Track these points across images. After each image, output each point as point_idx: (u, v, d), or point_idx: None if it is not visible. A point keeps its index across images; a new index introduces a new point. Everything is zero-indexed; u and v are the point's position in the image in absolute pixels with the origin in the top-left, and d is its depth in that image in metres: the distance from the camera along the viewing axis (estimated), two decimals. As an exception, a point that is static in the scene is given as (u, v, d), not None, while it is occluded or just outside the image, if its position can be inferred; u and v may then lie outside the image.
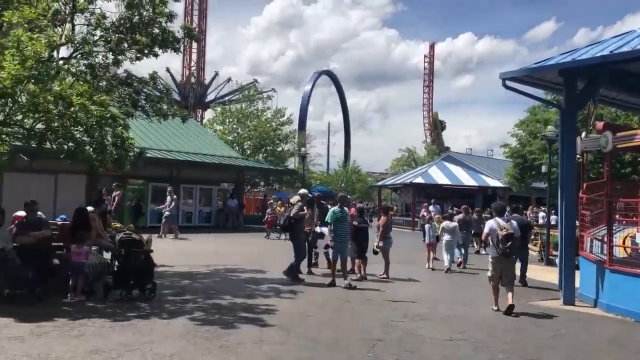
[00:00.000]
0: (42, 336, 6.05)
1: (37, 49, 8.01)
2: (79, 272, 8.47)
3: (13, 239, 8.62)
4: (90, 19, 10.76)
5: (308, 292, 9.88)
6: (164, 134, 26.88)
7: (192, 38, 13.26)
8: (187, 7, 60.08)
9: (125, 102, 11.24)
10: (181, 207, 26.91)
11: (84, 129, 9.09)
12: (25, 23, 8.55)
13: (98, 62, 11.01)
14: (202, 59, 63.67)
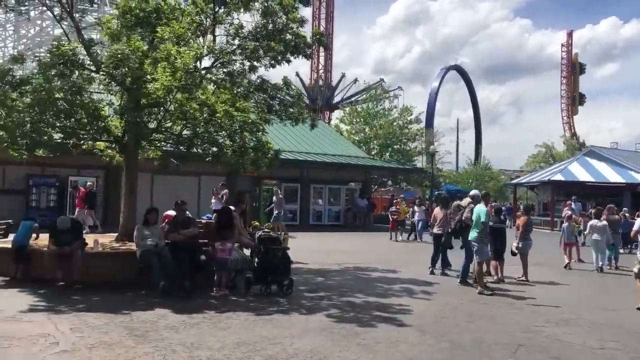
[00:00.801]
0: (194, 327, 6.54)
1: (186, 61, 8.68)
2: (223, 268, 9.03)
3: (165, 236, 9.41)
4: (229, 30, 11.43)
5: (442, 293, 9.68)
6: (295, 136, 27.83)
7: (322, 44, 13.56)
8: (315, 12, 61.67)
9: (261, 107, 11.79)
10: (311, 207, 27.78)
11: (227, 133, 9.69)
12: (174, 37, 9.31)
13: (236, 70, 11.66)
14: (330, 62, 64.98)
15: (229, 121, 9.68)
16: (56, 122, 9.36)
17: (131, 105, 9.90)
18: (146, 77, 9.09)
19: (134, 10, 9.74)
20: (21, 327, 6.13)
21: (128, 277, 9.10)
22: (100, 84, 10.40)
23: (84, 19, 10.82)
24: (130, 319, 6.76)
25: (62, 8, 10.38)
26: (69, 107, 9.04)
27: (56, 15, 10.92)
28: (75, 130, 9.68)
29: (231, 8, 11.28)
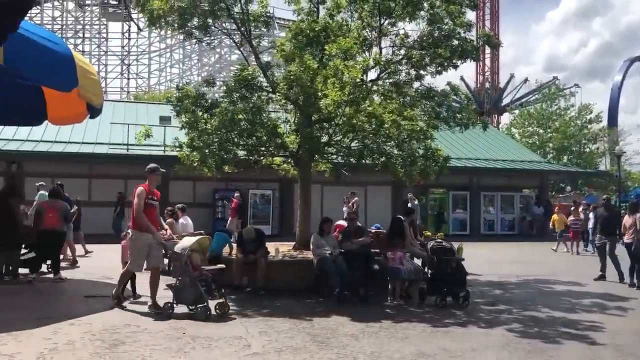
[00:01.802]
0: (372, 335, 6.63)
1: (354, 75, 8.92)
2: (396, 277, 9.06)
3: (339, 245, 9.72)
4: (394, 40, 11.52)
5: None
6: (463, 142, 27.06)
7: (491, 45, 13.03)
8: (479, 13, 59.69)
9: (428, 114, 11.65)
10: (482, 215, 26.72)
11: (395, 143, 9.75)
12: (341, 53, 9.63)
13: (402, 80, 11.69)
14: (496, 63, 62.38)
15: (397, 131, 9.73)
16: (240, 141, 10.19)
17: (304, 121, 10.43)
18: (317, 94, 9.52)
19: (305, 31, 10.25)
20: (218, 330, 6.71)
21: (306, 284, 9.56)
22: (277, 104, 11.13)
23: (260, 44, 11.63)
24: (311, 325, 7.06)
25: (242, 35, 11.30)
26: (250, 127, 9.79)
27: (237, 42, 11.90)
28: (256, 147, 10.46)
29: (396, 19, 11.36)
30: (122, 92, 59.23)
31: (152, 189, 7.99)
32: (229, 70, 55.45)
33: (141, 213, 7.69)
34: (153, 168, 8.20)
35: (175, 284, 7.68)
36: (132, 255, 8.03)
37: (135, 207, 7.71)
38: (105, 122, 22.87)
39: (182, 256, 7.54)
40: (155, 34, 56.38)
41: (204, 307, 7.29)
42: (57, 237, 10.68)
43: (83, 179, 21.76)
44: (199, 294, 7.33)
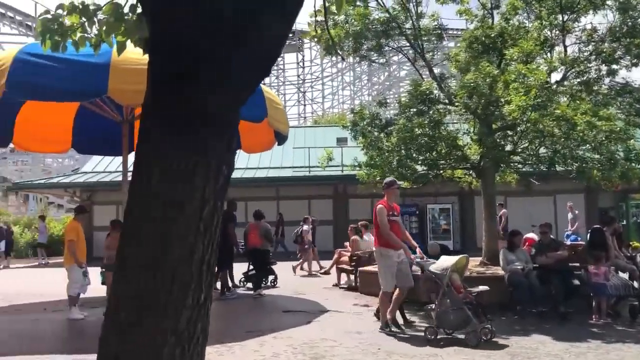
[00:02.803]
0: (580, 356, 6.10)
1: (540, 78, 8.43)
2: (601, 293, 8.24)
3: (532, 259, 9.13)
4: (580, 36, 10.68)
5: None
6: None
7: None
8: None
9: (627, 112, 10.55)
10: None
11: (592, 147, 8.97)
12: (523, 56, 9.17)
13: (592, 77, 10.76)
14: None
15: (592, 133, 8.94)
16: (419, 156, 10.18)
17: (485, 130, 10.10)
18: (499, 101, 9.16)
19: (480, 39, 9.98)
20: (412, 347, 6.69)
21: (496, 300, 9.11)
22: (455, 115, 10.95)
23: (434, 58, 11.58)
24: (509, 344, 6.70)
25: (414, 51, 11.36)
26: (430, 141, 9.74)
27: (409, 58, 11.99)
28: (436, 161, 10.36)
29: (580, 13, 10.56)
30: (300, 118, 62.90)
31: (390, 204, 7.72)
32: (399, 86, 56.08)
33: (387, 230, 7.39)
34: (389, 182, 7.91)
35: (434, 307, 7.04)
36: (382, 275, 7.62)
37: (380, 225, 7.44)
38: (288, 147, 24.43)
39: (443, 277, 6.99)
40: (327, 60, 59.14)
41: (473, 333, 6.73)
42: (259, 254, 11.56)
43: (271, 201, 23.45)
44: (465, 318, 6.79)
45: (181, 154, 1.99)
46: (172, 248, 1.97)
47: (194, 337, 2.03)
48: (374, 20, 10.67)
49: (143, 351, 1.94)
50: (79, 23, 2.87)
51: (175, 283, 1.96)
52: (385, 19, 10.71)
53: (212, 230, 2.05)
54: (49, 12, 2.89)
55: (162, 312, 1.95)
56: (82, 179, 23.92)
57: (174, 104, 1.98)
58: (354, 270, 11.98)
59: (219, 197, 2.09)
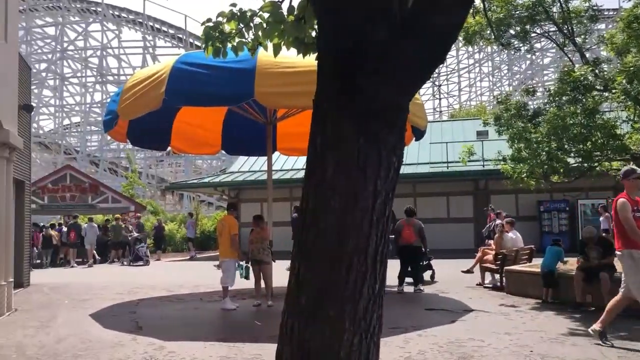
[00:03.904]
0: None
1: None
2: None
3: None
4: None
5: None
6: None
7: None
8: None
9: None
10: None
11: None
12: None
13: None
14: None
15: None
16: (571, 148, 9.48)
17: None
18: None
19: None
20: (568, 351, 6.27)
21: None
22: (613, 102, 10.03)
23: (586, 41, 10.71)
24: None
25: (564, 35, 10.59)
26: (584, 131, 9.03)
27: (559, 44, 11.21)
28: (590, 152, 9.57)
29: None
30: (435, 113, 61.68)
31: (632, 198, 6.45)
32: (542, 75, 52.73)
33: (634, 227, 6.20)
34: (629, 171, 6.60)
35: None
36: (634, 282, 6.31)
37: (623, 221, 6.25)
38: (425, 143, 24.06)
39: None
40: (463, 51, 57.34)
41: None
42: (414, 250, 11.63)
43: (408, 197, 23.26)
44: None
45: (354, 145, 2.03)
46: (348, 239, 2.03)
47: (370, 326, 2.07)
48: (518, 5, 10.11)
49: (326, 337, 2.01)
50: (237, 29, 3.05)
51: (352, 273, 2.01)
52: (531, 4, 10.09)
53: (384, 221, 2.08)
54: (210, 21, 3.11)
55: (340, 301, 2.01)
56: (229, 178, 25.57)
57: (347, 97, 2.03)
58: (499, 269, 11.49)
59: (389, 189, 2.11)
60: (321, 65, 2.17)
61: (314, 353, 2.03)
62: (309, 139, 2.18)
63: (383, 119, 2.03)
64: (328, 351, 2.01)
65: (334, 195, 2.05)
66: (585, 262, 8.90)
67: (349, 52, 2.02)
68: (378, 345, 2.18)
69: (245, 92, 8.30)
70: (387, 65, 1.99)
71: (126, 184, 35.89)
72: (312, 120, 2.19)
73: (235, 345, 6.73)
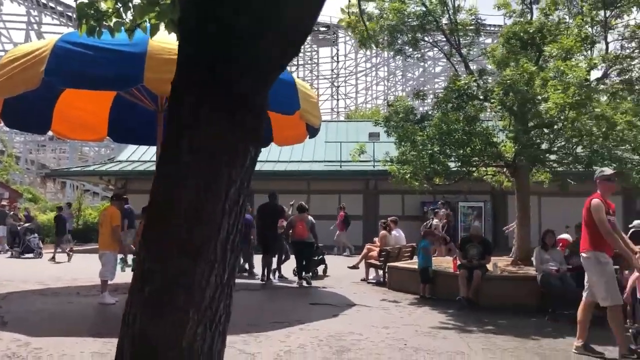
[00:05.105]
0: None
1: (579, 75, 8.21)
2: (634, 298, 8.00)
3: (566, 260, 8.93)
4: (623, 33, 10.38)
5: None
6: None
7: None
8: None
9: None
10: None
11: (632, 147, 8.72)
12: (562, 53, 8.95)
13: (635, 76, 10.45)
14: None
15: (632, 133, 8.68)
16: (452, 153, 10.05)
17: (520, 128, 9.90)
18: (536, 98, 8.97)
19: (518, 34, 9.78)
20: (438, 343, 6.64)
21: (528, 301, 8.96)
22: (491, 111, 10.77)
23: (470, 53, 11.40)
24: (539, 346, 6.59)
25: (451, 46, 11.20)
26: (465, 137, 9.60)
27: (445, 53, 11.84)
28: (469, 157, 10.20)
29: (623, 9, 10.26)
30: (332, 113, 62.89)
31: (605, 200, 6.21)
32: (434, 82, 55.50)
33: (608, 229, 5.92)
34: (607, 175, 6.39)
35: None
36: (601, 286, 6.05)
37: (598, 223, 5.94)
38: (320, 141, 24.45)
39: None
40: (361, 55, 58.94)
41: None
42: (307, 246, 11.92)
43: (302, 194, 23.50)
44: None
45: (209, 133, 2.00)
46: (198, 226, 1.99)
47: (216, 315, 2.04)
48: (410, 13, 10.55)
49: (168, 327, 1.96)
50: (114, 8, 2.91)
51: (200, 261, 1.97)
52: (422, 13, 10.58)
53: (237, 210, 2.06)
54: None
55: (186, 289, 1.97)
56: (117, 167, 24.41)
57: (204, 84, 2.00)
58: (383, 265, 11.94)
59: (245, 178, 2.09)
60: (182, 49, 2.13)
61: (154, 343, 1.98)
62: (166, 123, 2.13)
63: (240, 108, 2.02)
64: (169, 341, 1.97)
65: (186, 182, 2.01)
66: (467, 262, 9.53)
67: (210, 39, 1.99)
68: (224, 334, 2.16)
69: (133, 77, 7.93)
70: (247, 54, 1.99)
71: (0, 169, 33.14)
72: (169, 104, 2.14)
73: (110, 341, 6.41)
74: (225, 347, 2.20)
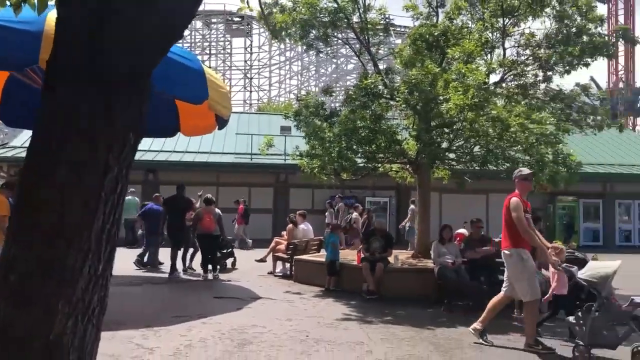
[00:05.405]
0: (499, 348, 6.35)
1: (478, 78, 8.66)
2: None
3: (462, 253, 9.42)
4: (519, 40, 11.05)
5: None
6: (594, 147, 25.23)
7: (628, 39, 12.06)
8: (611, 7, 55.46)
9: (558, 117, 11.01)
10: (617, 226, 24.73)
11: (523, 148, 9.31)
12: (464, 56, 9.39)
13: (528, 81, 11.16)
14: (632, 61, 57.47)
15: (524, 135, 9.28)
16: (359, 149, 10.27)
17: (424, 127, 10.29)
18: (438, 98, 9.36)
19: (424, 36, 10.15)
20: (339, 334, 6.78)
21: (425, 292, 9.37)
22: (396, 110, 11.12)
23: (379, 52, 11.68)
24: (434, 335, 6.91)
25: (361, 44, 11.42)
26: (371, 134, 9.85)
27: (355, 51, 12.06)
28: (374, 154, 10.48)
29: (520, 18, 10.92)
30: (245, 105, 62.29)
31: (523, 198, 6.46)
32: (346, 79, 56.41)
33: (526, 226, 6.18)
34: (526, 175, 6.69)
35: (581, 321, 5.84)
36: (522, 281, 6.28)
37: (516, 221, 6.17)
38: (231, 133, 24.15)
39: (603, 287, 5.75)
40: (276, 48, 58.78)
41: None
42: (214, 239, 11.78)
43: (211, 186, 23.10)
44: (628, 335, 5.58)
45: (85, 115, 1.91)
46: (70, 214, 1.89)
47: (89, 308, 1.96)
48: (322, 9, 10.64)
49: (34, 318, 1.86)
50: (-4, -20, 2.71)
51: (72, 251, 1.88)
52: (333, 9, 10.70)
53: (114, 199, 1.98)
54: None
55: (56, 280, 1.87)
56: (10, 153, 22.77)
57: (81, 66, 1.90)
58: (290, 258, 12.02)
59: (124, 165, 2.01)
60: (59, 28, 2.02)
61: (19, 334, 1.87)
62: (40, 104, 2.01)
63: (120, 92, 1.95)
64: (36, 334, 1.87)
65: (58, 167, 1.91)
66: (370, 255, 9.81)
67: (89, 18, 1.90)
68: (98, 328, 2.08)
69: (28, 57, 7.41)
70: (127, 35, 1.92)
71: None
72: (42, 84, 2.02)
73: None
74: (99, 340, 2.12)
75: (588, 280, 5.87)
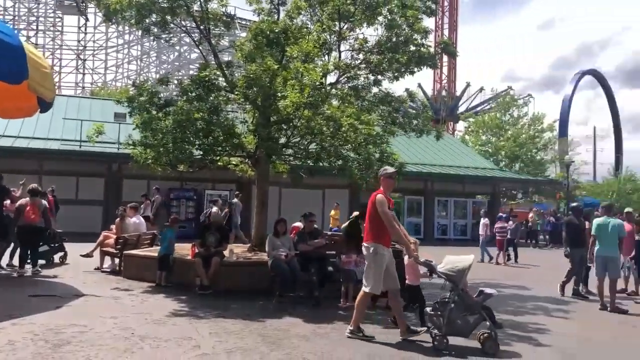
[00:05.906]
0: (324, 337, 6.66)
1: (313, 78, 8.96)
2: (349, 279, 9.08)
3: (294, 246, 9.71)
4: (353, 45, 11.64)
5: (581, 313, 9.03)
6: (418, 148, 27.54)
7: (449, 53, 13.31)
8: (437, 22, 60.80)
9: (385, 119, 11.80)
10: (436, 220, 27.35)
11: (352, 147, 9.84)
12: (302, 55, 9.66)
13: (361, 84, 11.80)
14: (453, 71, 63.65)
15: (354, 134, 9.82)
16: (196, 141, 10.08)
17: (262, 122, 10.40)
18: (276, 95, 9.52)
19: (265, 32, 10.24)
20: (168, 330, 6.62)
21: (260, 285, 9.50)
22: (235, 103, 11.08)
23: (219, 43, 11.55)
24: (263, 326, 7.04)
25: (201, 33, 11.20)
26: (206, 126, 9.71)
27: (195, 41, 11.78)
28: (212, 147, 10.36)
29: (355, 23, 11.48)
30: (77, 88, 57.80)
31: (388, 195, 6.73)
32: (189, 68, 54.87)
33: (392, 222, 6.46)
34: (391, 173, 6.93)
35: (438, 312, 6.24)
36: (371, 275, 6.56)
37: (383, 216, 6.41)
38: (58, 118, 22.27)
39: (459, 279, 6.24)
40: (113, 29, 55.28)
41: (493, 341, 6.13)
42: (37, 231, 10.95)
43: (33, 175, 21.05)
44: (478, 323, 6.19)
45: None
46: None
47: None
48: (162, -7, 10.24)
49: None
50: None
51: None
52: (173, -5, 10.35)
53: None
54: None
55: None
56: None
57: None
58: (119, 253, 11.43)
59: None
60: None
61: None
62: None
63: None
64: None
65: None
66: (204, 250, 9.66)
67: None
68: None
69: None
70: None
71: None
72: None
73: None
74: None
75: (446, 274, 6.31)
